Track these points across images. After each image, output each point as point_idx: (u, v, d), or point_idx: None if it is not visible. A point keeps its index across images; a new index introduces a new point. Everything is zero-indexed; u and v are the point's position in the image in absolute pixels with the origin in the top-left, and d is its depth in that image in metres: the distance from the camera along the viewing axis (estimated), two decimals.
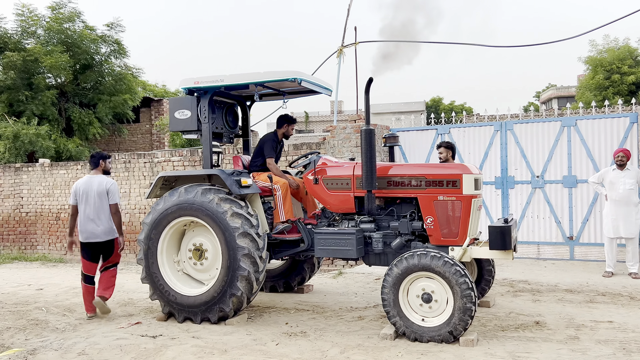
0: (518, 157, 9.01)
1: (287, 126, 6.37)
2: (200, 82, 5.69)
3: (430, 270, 4.62)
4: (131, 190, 11.81)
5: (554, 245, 8.75)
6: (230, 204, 5.37)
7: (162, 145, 20.16)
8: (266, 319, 5.70)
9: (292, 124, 6.40)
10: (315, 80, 5.90)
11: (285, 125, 6.36)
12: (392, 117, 11.00)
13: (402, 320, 4.71)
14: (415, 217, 5.40)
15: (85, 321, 5.82)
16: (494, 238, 4.81)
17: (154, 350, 4.66)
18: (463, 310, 4.49)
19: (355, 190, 5.53)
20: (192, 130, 5.86)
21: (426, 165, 5.86)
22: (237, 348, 4.66)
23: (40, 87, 16.67)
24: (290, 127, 6.39)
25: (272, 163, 6.13)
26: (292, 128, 6.42)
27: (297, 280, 6.90)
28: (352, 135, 9.35)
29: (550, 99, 38.63)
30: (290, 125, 6.39)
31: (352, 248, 5.30)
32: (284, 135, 6.39)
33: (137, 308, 6.36)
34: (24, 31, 17.52)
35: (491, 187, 9.14)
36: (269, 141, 6.19)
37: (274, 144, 6.21)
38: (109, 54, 18.17)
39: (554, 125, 8.82)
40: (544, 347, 4.47)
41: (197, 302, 5.45)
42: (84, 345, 4.84)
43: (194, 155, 11.11)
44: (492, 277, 5.90)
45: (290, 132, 6.42)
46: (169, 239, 5.71)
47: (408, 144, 9.72)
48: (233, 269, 5.27)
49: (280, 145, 6.43)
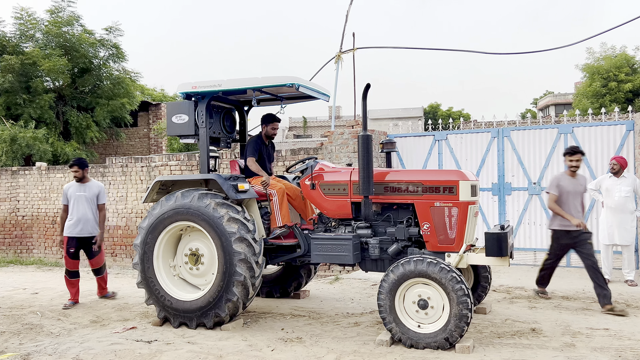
0: (515, 163, 9.02)
1: (266, 126, 6.26)
2: (198, 86, 5.69)
3: (427, 276, 4.61)
4: (128, 194, 11.78)
5: None
6: (227, 209, 5.36)
7: (160, 150, 20.14)
8: (262, 324, 5.68)
9: (272, 123, 6.25)
10: (313, 86, 5.91)
11: (264, 125, 6.28)
12: (389, 123, 11.02)
13: (398, 326, 4.70)
14: (412, 223, 5.40)
15: (80, 326, 5.79)
16: (491, 245, 4.82)
17: (148, 355, 4.63)
18: (459, 316, 4.48)
19: (352, 195, 5.53)
20: (189, 134, 5.85)
21: (423, 172, 5.86)
22: (232, 353, 4.64)
23: (38, 91, 16.64)
24: (269, 127, 6.25)
25: (252, 162, 6.03)
26: (273, 127, 6.26)
27: (293, 285, 6.88)
28: (349, 140, 9.36)
29: (548, 105, 38.75)
30: (270, 124, 6.25)
31: (349, 254, 5.29)
32: (266, 136, 6.29)
33: (132, 313, 6.33)
34: (22, 34, 17.51)
35: (488, 194, 9.15)
36: (251, 142, 6.15)
37: (256, 145, 6.13)
38: (108, 57, 18.15)
39: (551, 132, 8.85)
40: (540, 354, 4.47)
41: (192, 307, 5.43)
42: (78, 350, 4.81)
43: (191, 159, 11.09)
44: (489, 284, 5.90)
45: (271, 132, 6.27)
46: (165, 243, 5.69)
47: (405, 150, 9.73)
48: (229, 274, 5.26)
49: (267, 146, 6.33)
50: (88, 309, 6.59)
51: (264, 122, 6.29)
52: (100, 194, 7.03)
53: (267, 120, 6.27)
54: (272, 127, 6.27)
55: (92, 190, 6.99)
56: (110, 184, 11.90)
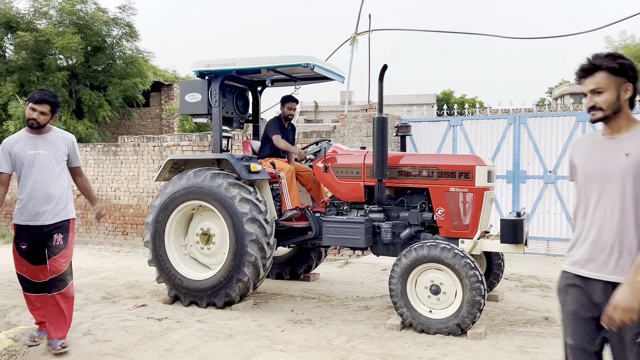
0: (531, 151, 8.88)
1: (283, 106, 6.21)
2: (212, 65, 5.63)
3: (440, 261, 4.55)
4: (140, 173, 11.80)
5: (565, 242, 8.65)
6: (239, 189, 5.32)
7: (172, 130, 20.14)
8: (272, 305, 5.68)
9: (288, 103, 6.17)
10: (328, 66, 5.82)
11: (281, 106, 6.23)
12: (402, 109, 10.89)
13: (410, 311, 4.66)
14: (425, 208, 5.33)
15: (91, 302, 5.82)
16: (506, 231, 4.73)
17: (159, 332, 4.64)
18: (472, 303, 4.43)
19: (366, 179, 5.46)
20: (202, 114, 5.80)
21: (438, 156, 5.78)
22: (242, 333, 4.64)
23: (51, 68, 16.65)
24: (286, 107, 6.18)
25: (278, 139, 5.99)
26: (291, 108, 6.19)
27: (303, 268, 6.87)
28: (362, 124, 9.26)
29: (563, 95, 38.16)
30: (286, 104, 6.17)
31: (361, 237, 5.25)
32: (283, 117, 6.24)
33: (143, 290, 6.36)
34: (36, 11, 17.47)
35: (502, 181, 9.03)
36: (272, 123, 6.11)
37: (277, 123, 6.11)
38: (121, 36, 18.09)
39: (569, 120, 8.68)
40: (553, 342, 4.41)
41: (203, 287, 5.43)
42: (89, 325, 4.84)
43: (203, 140, 11.07)
44: (501, 272, 5.83)
45: (288, 113, 6.19)
46: (176, 222, 5.68)
47: (419, 135, 9.62)
48: (240, 254, 5.24)
49: (286, 128, 6.27)
50: (99, 286, 6.63)
51: (282, 102, 6.25)
52: (73, 151, 4.33)
53: (286, 100, 6.22)
54: (288, 107, 6.19)
55: (57, 145, 4.18)
56: (122, 163, 11.93)
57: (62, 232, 4.12)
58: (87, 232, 12.35)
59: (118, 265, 8.35)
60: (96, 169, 12.28)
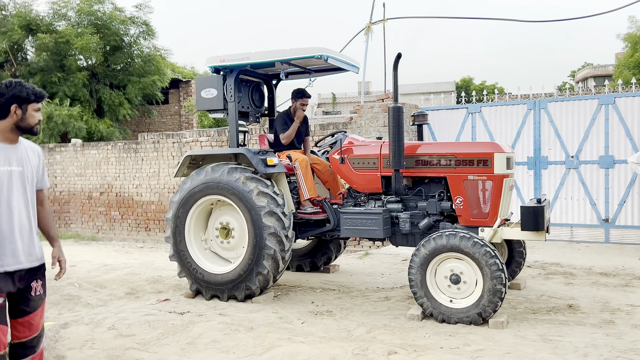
0: (552, 136, 8.71)
1: (295, 101, 6.13)
2: (226, 60, 5.64)
3: (460, 251, 4.51)
4: (160, 170, 11.95)
5: (588, 228, 8.49)
6: (256, 183, 5.35)
7: (191, 126, 20.33)
8: (292, 297, 5.71)
9: (301, 99, 6.08)
10: (342, 57, 5.78)
11: (293, 100, 6.15)
12: (421, 98, 10.77)
13: (430, 301, 4.63)
14: (444, 197, 5.27)
15: (115, 297, 5.94)
16: (527, 219, 4.66)
17: (181, 326, 4.71)
18: (493, 291, 4.38)
19: (383, 169, 5.43)
20: (218, 109, 5.83)
21: (456, 144, 5.71)
22: (263, 325, 4.68)
23: (71, 69, 16.92)
24: (298, 102, 6.09)
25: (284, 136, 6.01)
26: (302, 104, 6.09)
27: (323, 260, 6.88)
28: (379, 114, 9.19)
29: (586, 78, 37.30)
30: (297, 100, 6.09)
31: (379, 228, 5.22)
32: (294, 111, 6.14)
33: (165, 285, 6.45)
34: (55, 13, 17.75)
35: (523, 168, 8.89)
36: (279, 118, 6.10)
37: (284, 119, 6.08)
38: (138, 35, 18.28)
39: (591, 104, 8.48)
40: (577, 330, 4.34)
41: (224, 280, 5.49)
42: (113, 320, 4.94)
43: (221, 135, 11.13)
44: (523, 259, 5.74)
45: (298, 108, 6.08)
46: (196, 217, 5.74)
47: (437, 124, 9.51)
48: (259, 248, 5.27)
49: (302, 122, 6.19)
50: (123, 281, 6.75)
51: (293, 97, 6.20)
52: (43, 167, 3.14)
53: (296, 96, 6.16)
54: (301, 103, 6.13)
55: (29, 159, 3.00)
56: (142, 160, 12.09)
57: (41, 277, 3.10)
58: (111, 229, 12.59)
59: (141, 260, 8.49)
60: (117, 167, 12.48)
